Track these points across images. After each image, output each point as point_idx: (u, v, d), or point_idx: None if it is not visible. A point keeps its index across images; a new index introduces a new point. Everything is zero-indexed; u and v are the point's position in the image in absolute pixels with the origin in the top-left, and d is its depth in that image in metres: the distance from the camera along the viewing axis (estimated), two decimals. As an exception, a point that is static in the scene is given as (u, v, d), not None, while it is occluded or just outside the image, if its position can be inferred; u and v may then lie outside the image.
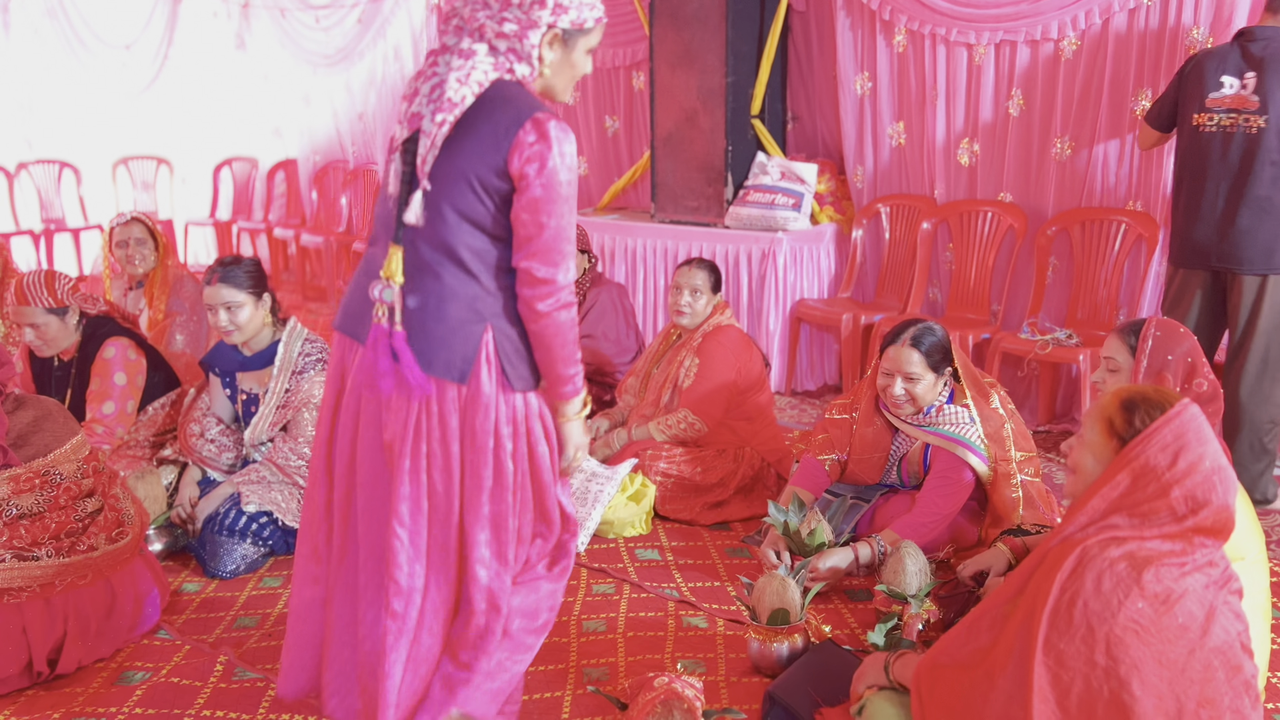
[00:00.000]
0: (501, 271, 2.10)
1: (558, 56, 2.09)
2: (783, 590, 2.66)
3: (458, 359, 2.07)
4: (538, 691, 2.58)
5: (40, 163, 8.75)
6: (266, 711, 2.49)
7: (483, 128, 2.01)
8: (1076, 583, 1.87)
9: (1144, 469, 1.91)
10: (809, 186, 5.48)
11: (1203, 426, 1.92)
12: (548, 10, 2.03)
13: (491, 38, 2.04)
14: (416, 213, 2.03)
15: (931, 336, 3.17)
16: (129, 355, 3.63)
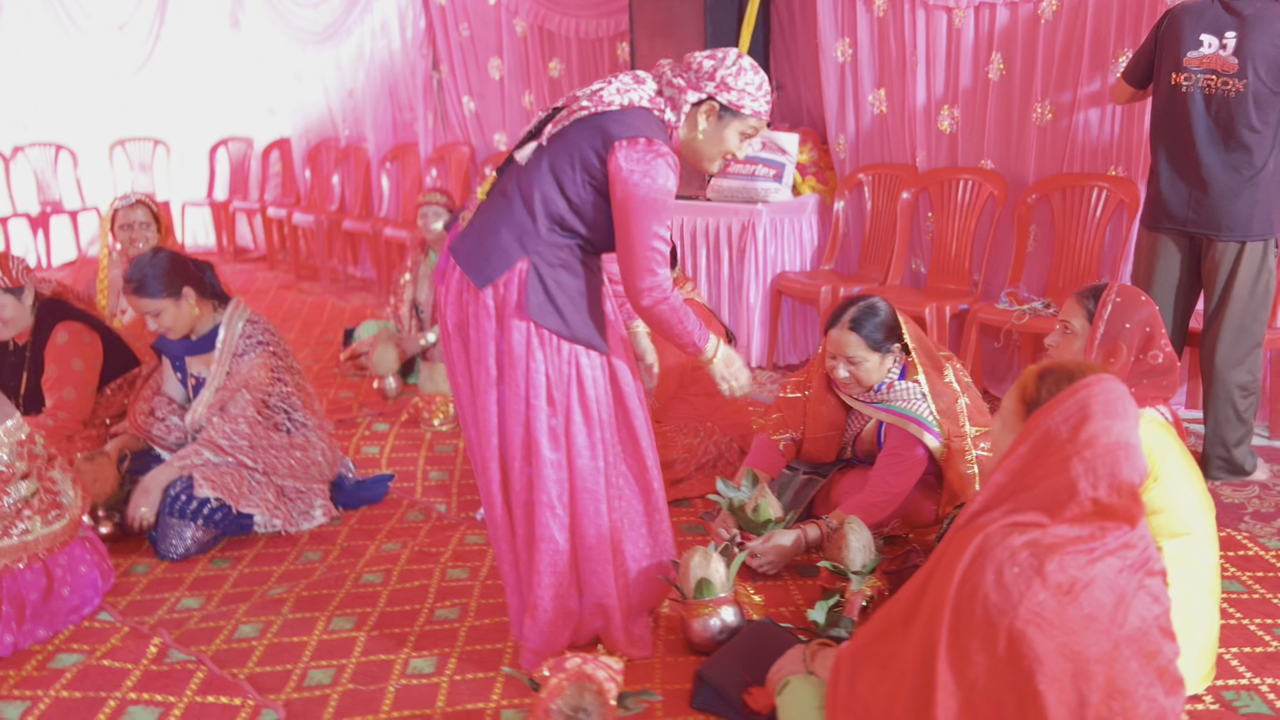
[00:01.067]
0: (558, 228, 2.40)
1: (710, 127, 2.45)
2: (705, 562, 2.60)
3: (487, 267, 2.39)
4: (470, 671, 2.55)
5: (36, 145, 8.76)
6: (194, 693, 2.46)
7: (610, 125, 2.34)
8: (977, 575, 1.78)
9: (1044, 437, 1.82)
10: (790, 157, 5.38)
11: (1116, 401, 1.84)
12: (713, 84, 2.41)
13: (663, 84, 2.45)
14: (525, 155, 2.42)
15: (872, 317, 3.07)
16: (83, 338, 3.60)
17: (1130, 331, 2.46)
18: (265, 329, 3.46)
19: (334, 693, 2.48)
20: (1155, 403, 2.46)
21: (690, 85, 2.42)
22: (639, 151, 2.31)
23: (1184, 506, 2.36)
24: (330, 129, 8.30)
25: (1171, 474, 2.35)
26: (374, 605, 2.91)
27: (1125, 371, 2.43)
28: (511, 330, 2.41)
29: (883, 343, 3.06)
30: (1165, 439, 2.37)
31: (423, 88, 7.27)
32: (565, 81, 6.55)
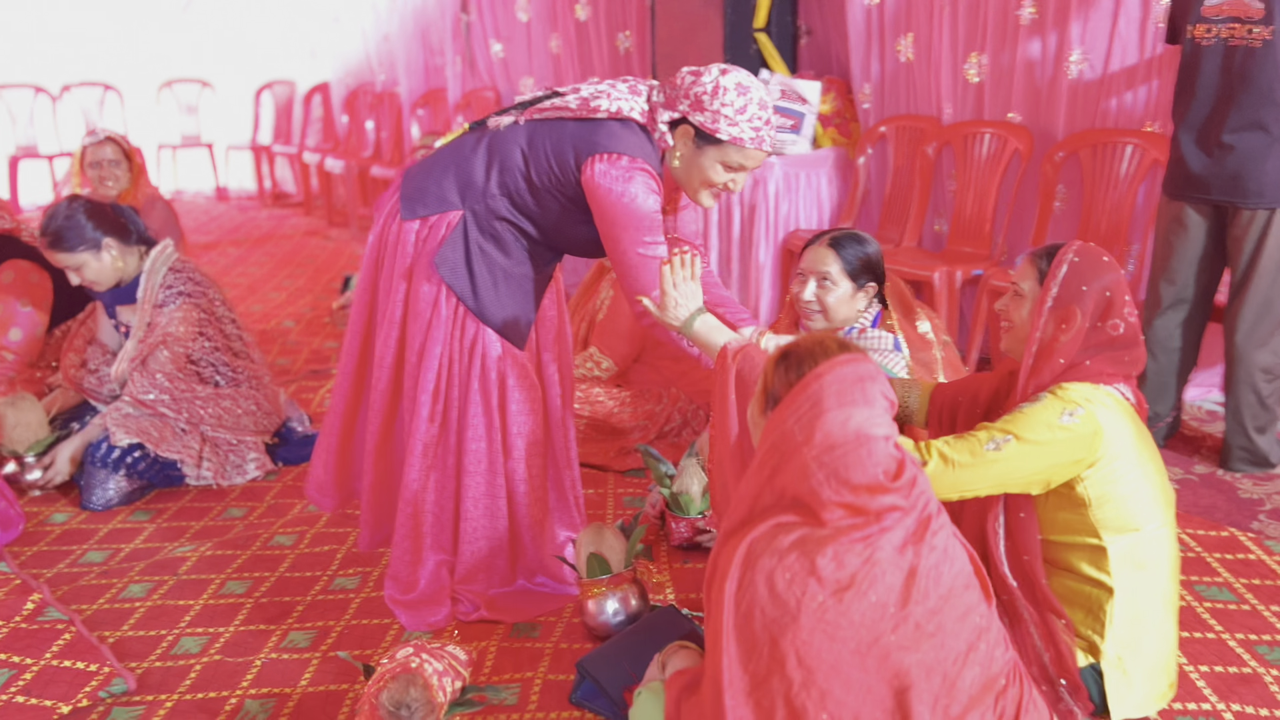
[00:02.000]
0: (506, 199, 2.29)
1: (686, 151, 2.24)
2: (598, 537, 2.38)
3: (418, 203, 2.31)
4: (347, 647, 2.37)
5: (84, 85, 8.80)
6: (52, 657, 2.33)
7: (598, 135, 2.21)
8: (749, 591, 1.55)
9: (781, 439, 1.58)
10: (811, 106, 5.04)
11: (851, 388, 1.59)
12: (687, 103, 2.20)
13: (653, 95, 2.28)
14: (502, 123, 2.31)
15: (857, 245, 2.75)
16: (30, 278, 3.50)
17: (1087, 295, 2.13)
18: (189, 278, 3.30)
19: (198, 663, 2.33)
20: (1113, 380, 2.14)
21: (667, 102, 2.25)
22: (616, 168, 2.18)
23: (1132, 498, 2.06)
24: (368, 73, 8.16)
25: (1119, 459, 2.05)
26: (274, 570, 2.75)
27: (1079, 341, 2.11)
28: (422, 280, 2.32)
29: (860, 273, 2.72)
30: (1119, 420, 2.07)
31: (452, 31, 7.06)
32: (591, 25, 6.26)
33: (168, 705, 2.18)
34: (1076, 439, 2.00)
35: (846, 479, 1.52)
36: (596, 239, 2.30)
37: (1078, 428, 2.01)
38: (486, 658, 2.33)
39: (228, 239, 7.31)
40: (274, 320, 5.23)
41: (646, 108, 2.26)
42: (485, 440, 2.43)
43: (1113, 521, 2.05)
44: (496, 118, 2.35)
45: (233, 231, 7.60)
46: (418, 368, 2.38)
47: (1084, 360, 2.10)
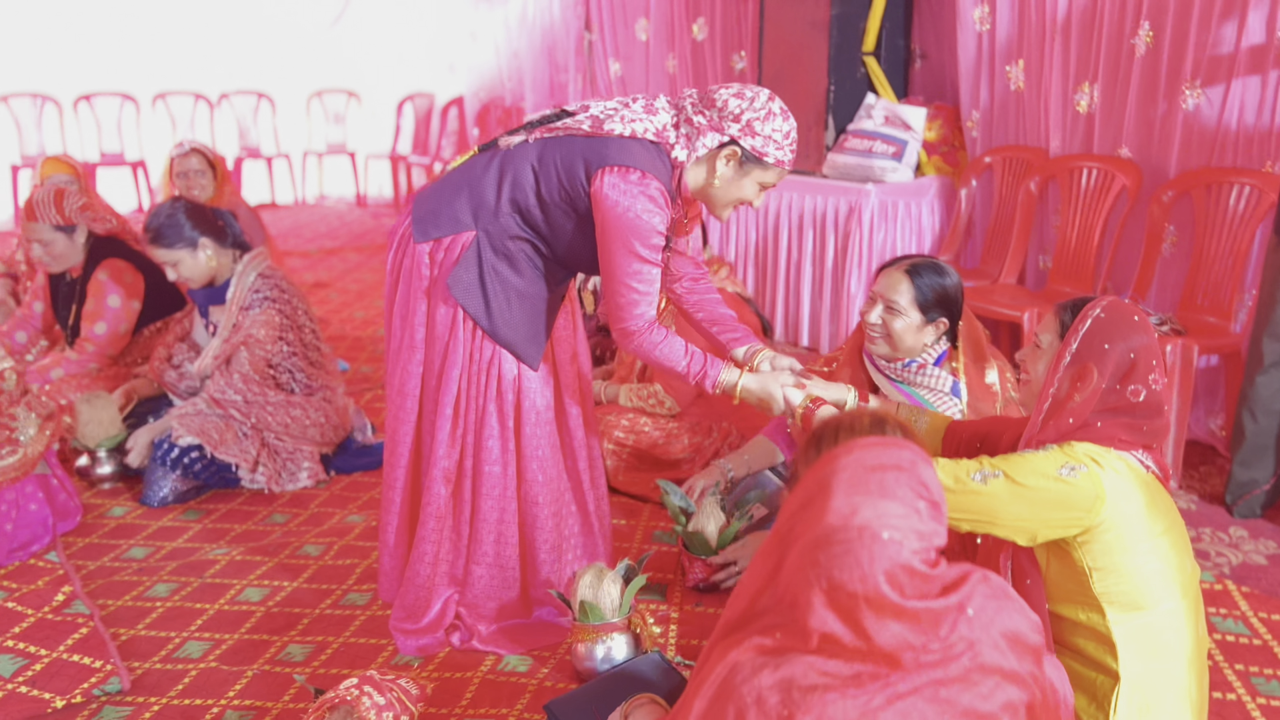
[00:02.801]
0: (517, 215, 2.28)
1: (729, 173, 2.24)
2: (596, 582, 2.31)
3: (431, 225, 2.30)
4: (339, 666, 2.39)
5: (240, 93, 9.29)
6: (65, 650, 2.43)
7: (608, 149, 2.19)
8: (720, 713, 1.36)
9: (786, 532, 1.38)
10: (915, 134, 4.86)
11: (867, 476, 1.34)
12: (738, 126, 2.19)
13: (681, 119, 2.24)
14: (511, 142, 2.29)
15: (934, 276, 2.59)
16: (124, 277, 3.68)
17: (1108, 355, 1.95)
18: (276, 284, 3.41)
19: (195, 669, 2.39)
20: (1128, 446, 1.95)
21: (712, 126, 2.22)
22: (626, 181, 2.16)
23: (1139, 573, 1.88)
24: (499, 88, 8.33)
25: (1123, 529, 1.87)
26: (294, 579, 2.80)
27: (1093, 402, 1.93)
28: (439, 303, 2.33)
29: (932, 306, 2.58)
30: (1127, 487, 1.89)
31: (575, 49, 7.13)
32: (708, 45, 6.22)
33: (155, 708, 2.24)
34: (1071, 496, 1.84)
35: (838, 581, 1.28)
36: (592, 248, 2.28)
37: (1076, 484, 1.85)
38: (468, 688, 2.31)
39: (352, 245, 7.58)
40: (372, 328, 5.38)
41: (662, 127, 2.23)
42: (500, 464, 2.42)
43: (1117, 596, 1.88)
44: (507, 137, 2.33)
45: (360, 237, 7.87)
46: (436, 390, 2.38)
47: (1095, 421, 1.93)
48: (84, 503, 3.25)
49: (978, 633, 1.35)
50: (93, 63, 8.69)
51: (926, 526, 1.35)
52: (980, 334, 2.74)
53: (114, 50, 8.79)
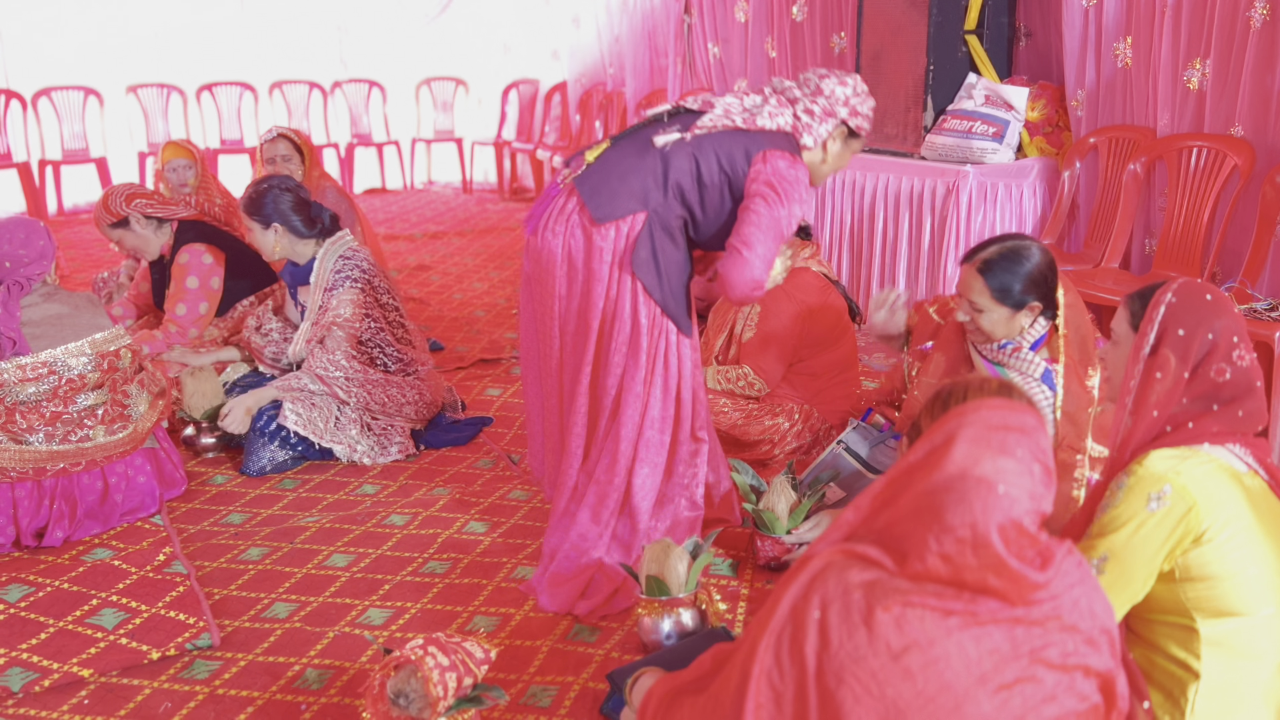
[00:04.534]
0: (676, 199, 2.52)
1: (839, 147, 2.68)
2: (664, 556, 2.33)
3: (611, 206, 2.47)
4: (415, 630, 2.47)
5: (352, 81, 9.56)
6: (163, 606, 2.57)
7: (765, 139, 2.55)
8: (803, 607, 1.45)
9: (900, 475, 1.45)
10: (1017, 114, 4.73)
11: (994, 432, 1.42)
12: (846, 110, 2.64)
13: (800, 111, 2.61)
14: (666, 141, 2.52)
15: (1012, 264, 2.50)
16: (203, 260, 3.85)
17: (1185, 340, 1.87)
18: (359, 265, 3.52)
19: (280, 628, 2.50)
20: (1224, 439, 1.87)
21: (826, 113, 2.62)
22: (787, 163, 2.53)
23: (1237, 577, 1.80)
24: (601, 73, 8.39)
25: (1226, 535, 1.79)
26: (378, 548, 2.89)
27: (1177, 393, 1.85)
28: (623, 281, 2.52)
29: (1016, 295, 2.51)
30: (1219, 487, 1.81)
31: (674, 32, 7.14)
32: (806, 26, 6.15)
33: (241, 663, 2.36)
34: (1167, 523, 1.78)
35: (947, 522, 1.37)
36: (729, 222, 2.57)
37: (1169, 510, 1.78)
38: (536, 656, 2.37)
39: (455, 229, 7.74)
40: (469, 309, 5.49)
41: (792, 119, 2.59)
42: (659, 429, 2.60)
43: (1208, 604, 1.80)
44: (663, 137, 2.53)
45: (463, 223, 8.03)
46: (629, 359, 2.55)
47: (1186, 421, 1.86)
48: (188, 471, 3.41)
49: (1065, 601, 1.43)
50: (214, 55, 9.04)
51: (1038, 489, 1.43)
52: (1090, 334, 2.61)
53: (233, 42, 9.13)
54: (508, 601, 2.60)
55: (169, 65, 8.88)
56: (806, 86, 2.62)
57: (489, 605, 2.59)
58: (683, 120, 2.57)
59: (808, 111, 2.59)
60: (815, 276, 3.41)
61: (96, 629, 2.47)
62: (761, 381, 3.35)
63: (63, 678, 2.29)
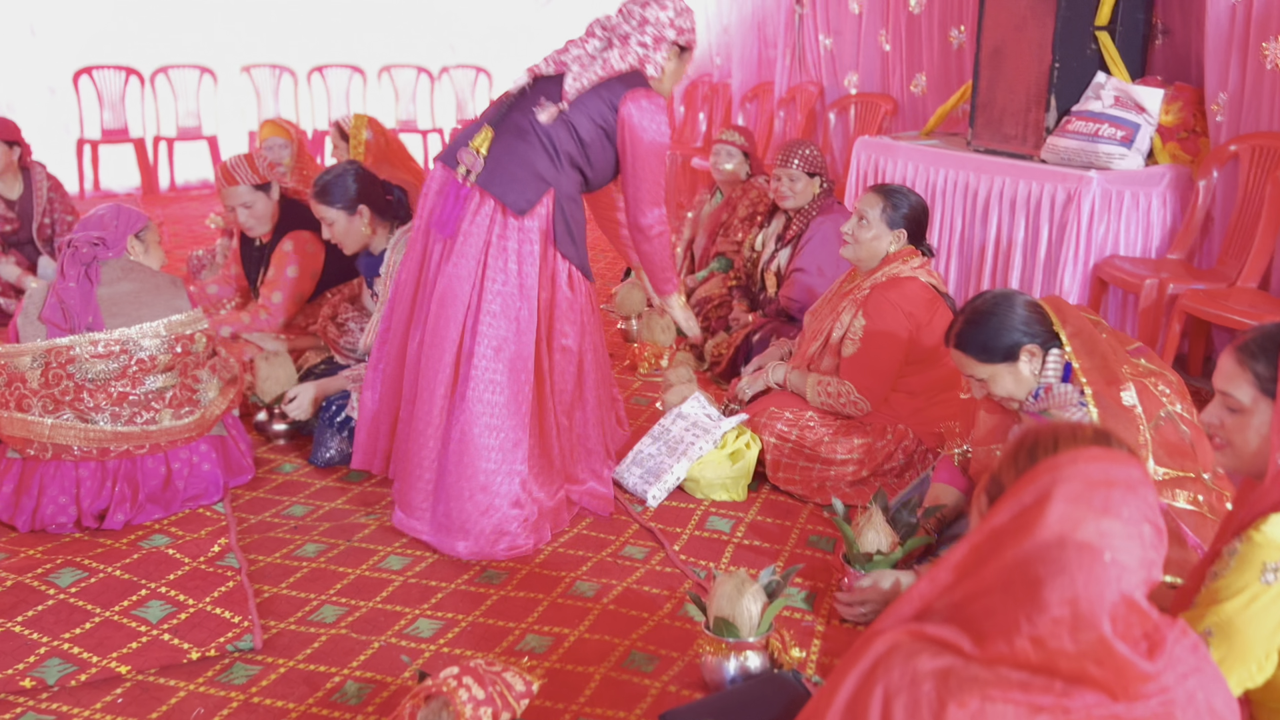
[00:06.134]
0: (568, 165, 2.76)
1: (674, 65, 2.91)
2: (736, 595, 2.14)
3: (520, 197, 2.68)
4: (465, 646, 2.33)
5: (460, 67, 9.55)
6: (210, 603, 2.48)
7: (615, 86, 2.77)
8: (864, 699, 1.25)
9: (985, 541, 1.24)
10: (1149, 117, 4.38)
11: (1095, 489, 1.20)
12: (674, 31, 2.86)
13: (635, 44, 2.81)
14: (549, 115, 2.72)
15: (979, 324, 2.42)
16: (306, 248, 3.76)
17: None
18: (436, 254, 3.40)
19: (326, 634, 2.38)
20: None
21: (657, 40, 2.82)
22: (646, 106, 2.76)
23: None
24: (708, 64, 8.18)
25: None
26: (435, 551, 2.77)
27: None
28: (549, 256, 2.77)
29: (1001, 348, 2.40)
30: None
31: (784, 23, 6.89)
32: (924, 18, 5.85)
33: (281, 670, 2.25)
34: None
35: (1043, 599, 1.17)
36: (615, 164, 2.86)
37: None
38: (587, 685, 2.20)
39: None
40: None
41: (632, 54, 2.79)
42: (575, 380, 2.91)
43: None
44: (544, 113, 2.72)
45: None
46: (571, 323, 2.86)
47: None
48: (258, 457, 3.35)
49: (1177, 695, 1.22)
50: (326, 37, 9.11)
51: (1149, 555, 1.22)
52: (1108, 352, 2.42)
53: (344, 26, 9.18)
54: (564, 619, 2.45)
55: (282, 46, 8.98)
56: (631, 19, 2.83)
57: (543, 623, 2.43)
58: (547, 90, 2.76)
59: (641, 44, 2.79)
60: (924, 288, 3.15)
61: (141, 621, 2.40)
62: (865, 401, 3.11)
63: (100, 673, 2.21)
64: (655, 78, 2.84)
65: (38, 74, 8.26)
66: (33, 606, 2.44)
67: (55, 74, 8.22)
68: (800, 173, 4.18)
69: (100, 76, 8.20)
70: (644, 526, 2.91)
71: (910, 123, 6.06)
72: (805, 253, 4.08)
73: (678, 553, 2.77)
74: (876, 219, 3.14)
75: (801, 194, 4.20)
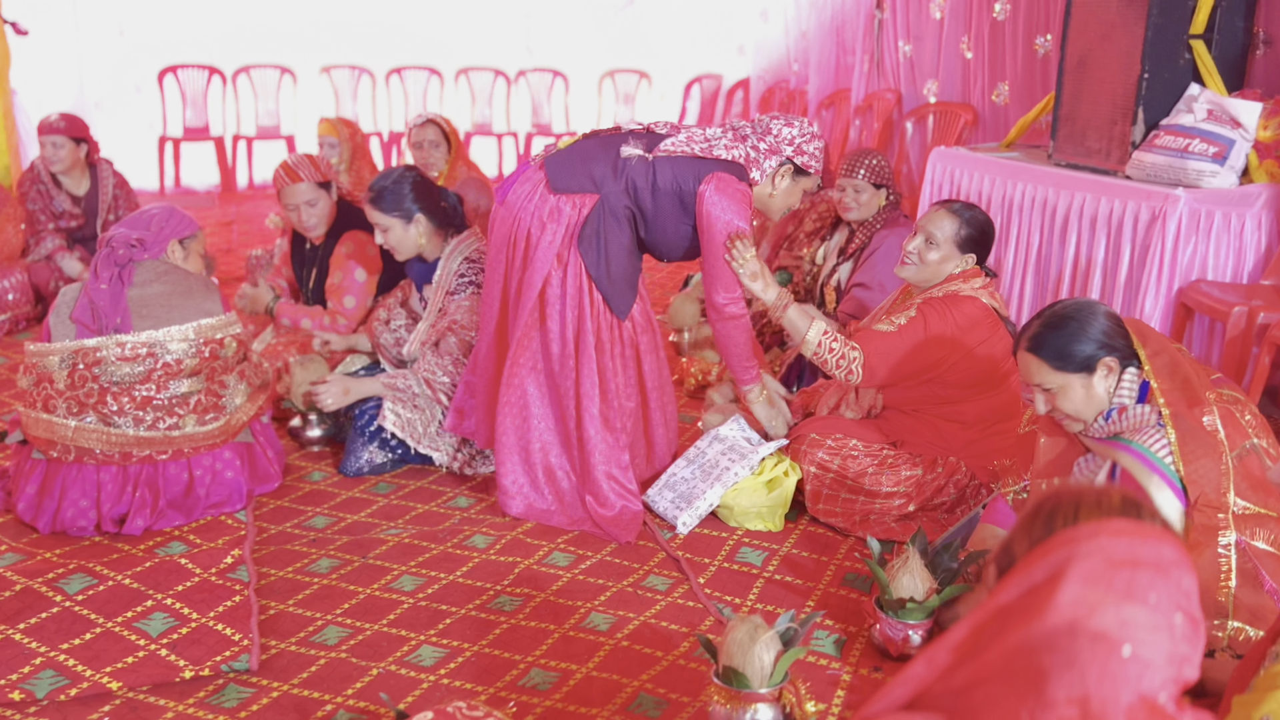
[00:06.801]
0: (628, 196, 2.82)
1: (787, 184, 2.94)
2: (748, 642, 1.98)
3: (564, 179, 2.81)
4: (464, 679, 2.21)
5: (537, 71, 9.50)
6: (213, 618, 2.40)
7: (712, 165, 2.82)
8: None
9: (989, 622, 1.08)
10: (1245, 132, 4.09)
11: (1115, 571, 1.03)
12: (791, 149, 2.90)
13: (749, 148, 2.87)
14: (630, 154, 2.80)
15: (1059, 328, 2.22)
16: (367, 250, 3.70)
17: None
18: (482, 269, 3.29)
19: (326, 656, 2.29)
20: None
21: (771, 150, 2.88)
22: (726, 191, 2.78)
23: None
24: (786, 70, 8.00)
25: None
26: (452, 572, 2.66)
27: None
28: (568, 254, 2.83)
29: (1079, 356, 2.20)
30: None
31: (864, 29, 6.68)
32: (1009, 25, 5.60)
33: (274, 694, 2.16)
34: None
35: (1048, 695, 1.01)
36: (691, 242, 2.89)
37: None
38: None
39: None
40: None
41: (746, 154, 2.84)
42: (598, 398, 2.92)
43: None
44: (628, 149, 2.80)
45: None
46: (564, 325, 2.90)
47: None
48: (289, 464, 3.30)
49: None
50: (404, 39, 9.15)
51: (1180, 650, 1.04)
52: (1192, 374, 2.21)
53: (423, 28, 9.22)
54: (573, 654, 2.31)
55: (361, 47, 9.05)
56: (758, 127, 2.91)
57: (551, 657, 2.31)
58: (648, 140, 2.84)
59: (754, 148, 2.85)
60: (983, 309, 2.92)
61: (141, 634, 2.33)
62: (862, 373, 2.83)
63: (91, 688, 2.15)
64: (758, 182, 2.88)
65: (125, 73, 8.45)
66: (37, 614, 2.39)
67: (142, 73, 8.40)
68: (866, 183, 3.99)
69: (184, 75, 8.35)
70: (670, 555, 2.76)
71: (991, 134, 5.81)
72: (867, 267, 3.88)
73: (703, 586, 2.62)
74: (946, 240, 2.92)
75: (866, 206, 4.01)
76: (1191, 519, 2.08)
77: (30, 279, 4.71)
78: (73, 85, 8.15)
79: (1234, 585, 2.06)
